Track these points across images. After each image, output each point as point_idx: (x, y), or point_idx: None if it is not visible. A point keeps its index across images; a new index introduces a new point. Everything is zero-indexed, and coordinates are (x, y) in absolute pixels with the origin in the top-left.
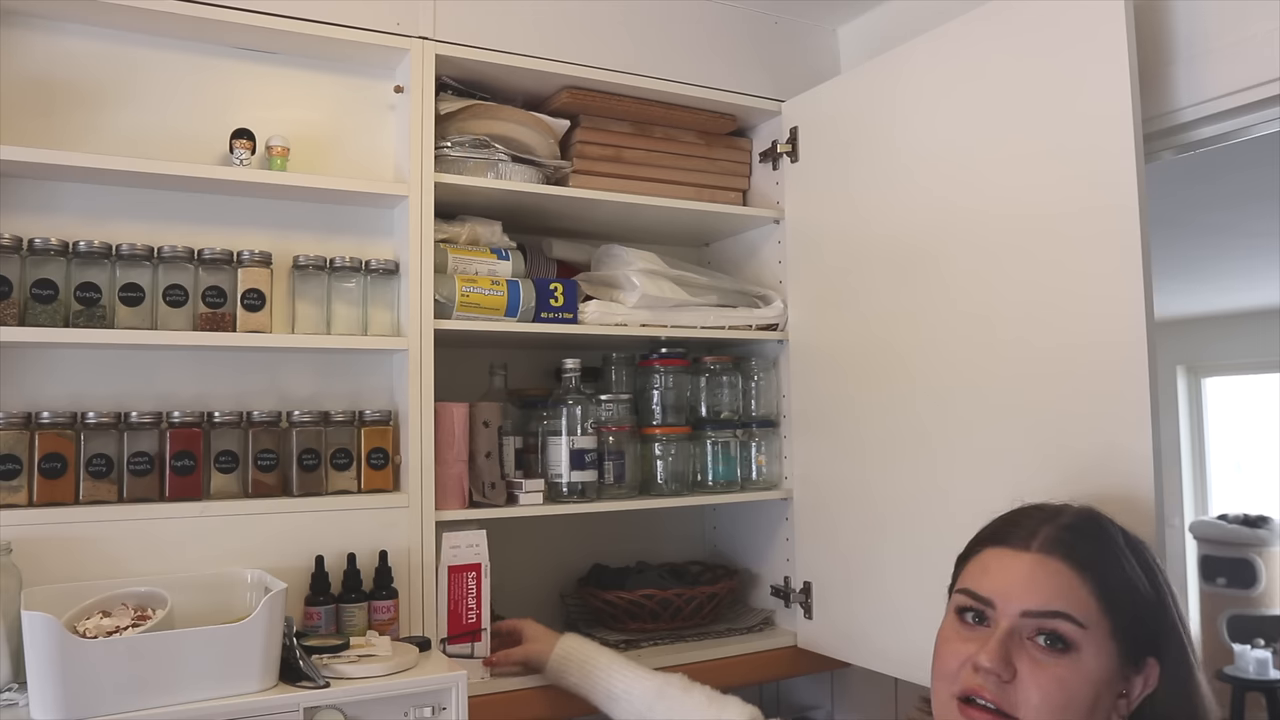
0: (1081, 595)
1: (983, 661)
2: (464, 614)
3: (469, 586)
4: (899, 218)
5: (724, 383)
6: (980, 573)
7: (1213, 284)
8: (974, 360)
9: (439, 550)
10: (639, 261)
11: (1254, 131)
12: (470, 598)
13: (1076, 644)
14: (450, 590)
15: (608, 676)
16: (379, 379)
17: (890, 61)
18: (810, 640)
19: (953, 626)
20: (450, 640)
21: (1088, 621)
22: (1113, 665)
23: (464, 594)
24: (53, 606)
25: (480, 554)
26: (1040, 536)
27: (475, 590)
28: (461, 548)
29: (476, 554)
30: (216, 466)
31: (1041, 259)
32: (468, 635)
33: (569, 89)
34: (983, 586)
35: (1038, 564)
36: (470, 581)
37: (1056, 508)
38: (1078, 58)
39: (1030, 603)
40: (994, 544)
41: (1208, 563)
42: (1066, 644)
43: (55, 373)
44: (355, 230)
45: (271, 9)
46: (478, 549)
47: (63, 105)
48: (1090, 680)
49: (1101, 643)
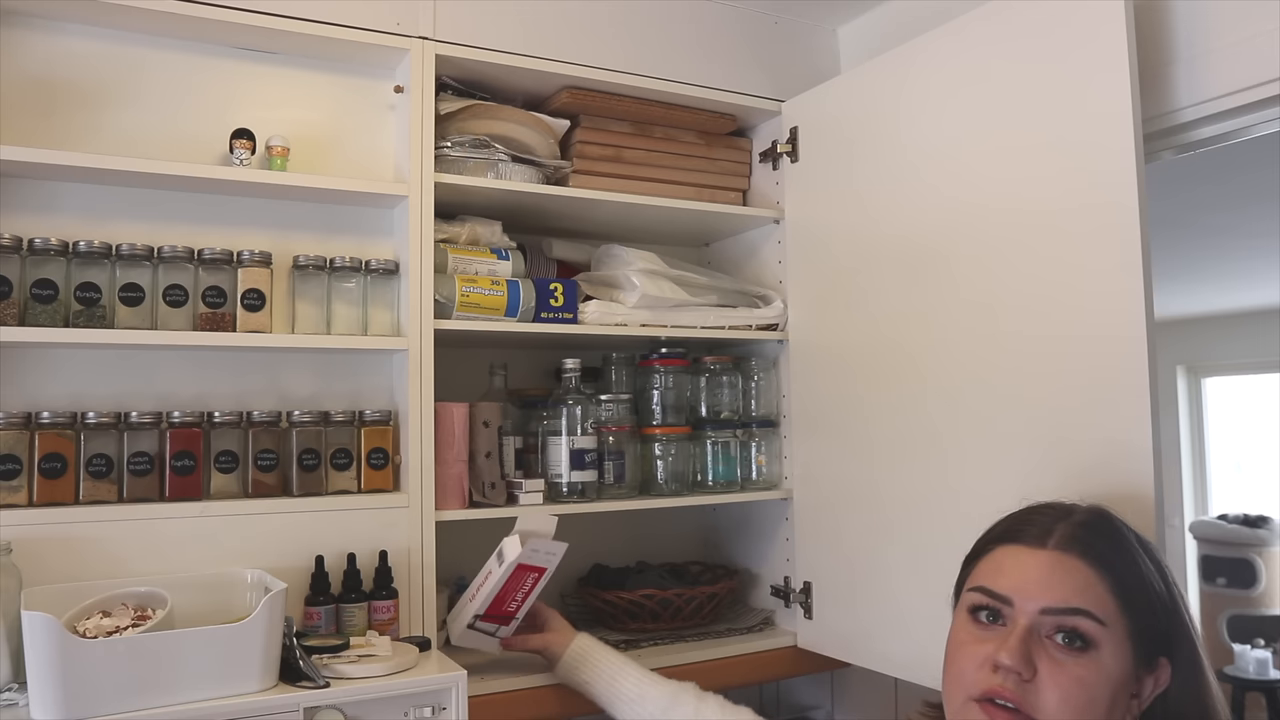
0: (1100, 593)
1: (1003, 659)
2: (508, 601)
3: (526, 583)
4: (899, 217)
5: (724, 383)
6: (995, 571)
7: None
8: (977, 358)
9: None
10: (639, 261)
11: (1254, 131)
12: (522, 592)
13: (1096, 642)
14: (509, 582)
15: (621, 679)
16: (379, 379)
17: (890, 61)
18: (810, 640)
19: (966, 628)
20: (483, 618)
21: (1107, 619)
22: (1129, 665)
23: (518, 587)
24: (53, 606)
25: (553, 562)
26: (1056, 534)
27: (529, 588)
28: (541, 553)
29: (549, 560)
30: (216, 466)
31: (1042, 256)
32: (500, 619)
33: (569, 89)
34: (999, 584)
35: (1056, 561)
36: (529, 581)
37: (1068, 506)
38: (1078, 57)
39: (1049, 599)
40: (1007, 542)
41: (1208, 563)
42: (1086, 642)
43: (55, 373)
44: (355, 230)
45: (271, 9)
46: (554, 557)
47: (63, 105)
48: (1109, 680)
49: (1120, 642)
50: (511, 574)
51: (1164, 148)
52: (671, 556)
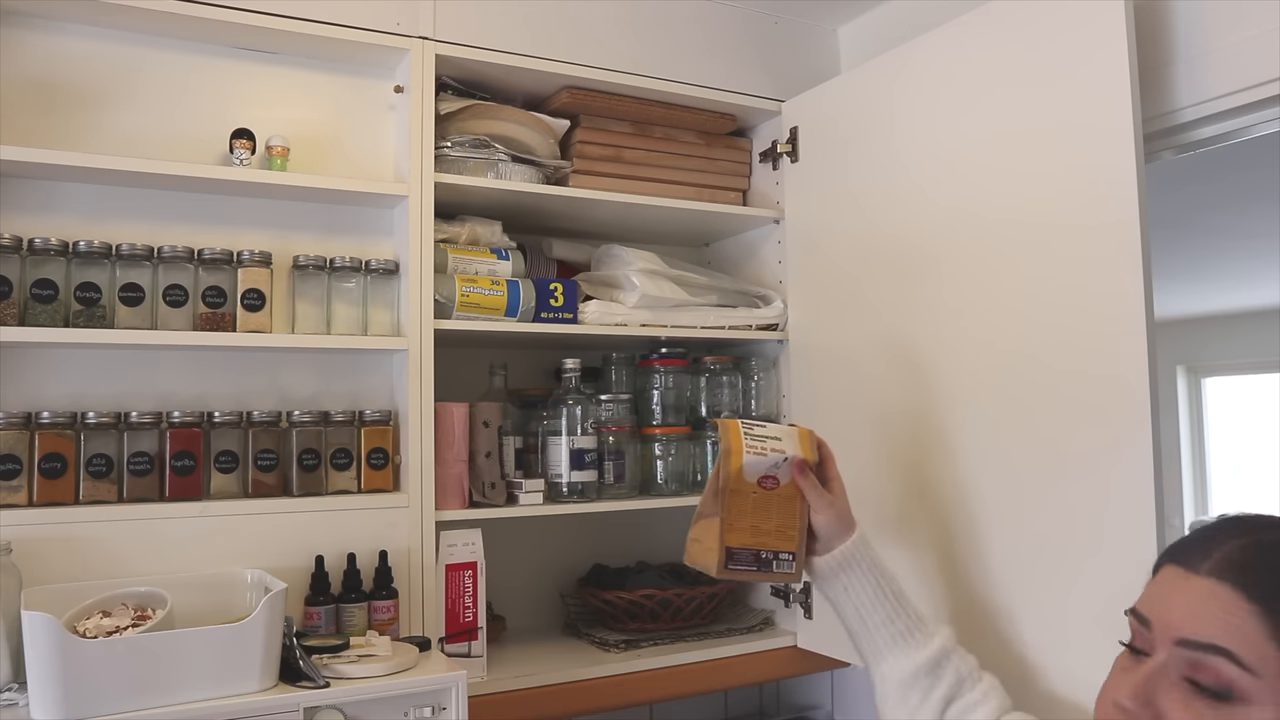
0: (1252, 634)
1: (1121, 698)
2: (461, 613)
3: (465, 585)
4: (900, 217)
5: (724, 383)
6: (1148, 592)
7: (1213, 284)
8: (977, 358)
9: (439, 549)
10: (639, 261)
11: (1254, 131)
12: (467, 596)
13: (1242, 694)
14: (448, 589)
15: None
16: (379, 379)
17: (890, 61)
18: (810, 640)
19: (1121, 656)
20: (448, 639)
21: (1260, 670)
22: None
23: (461, 593)
24: (53, 606)
25: (476, 552)
26: (1215, 557)
27: (472, 589)
28: (459, 546)
29: (472, 552)
30: (216, 466)
31: (1043, 257)
32: (465, 634)
33: (569, 89)
34: (1145, 606)
35: (1206, 590)
36: (467, 580)
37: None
38: (1078, 56)
39: (1188, 631)
40: (1171, 560)
41: None
42: (1227, 692)
43: (55, 373)
44: (355, 230)
45: (271, 9)
46: (473, 547)
47: (63, 105)
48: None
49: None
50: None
51: (1164, 148)
52: (671, 556)
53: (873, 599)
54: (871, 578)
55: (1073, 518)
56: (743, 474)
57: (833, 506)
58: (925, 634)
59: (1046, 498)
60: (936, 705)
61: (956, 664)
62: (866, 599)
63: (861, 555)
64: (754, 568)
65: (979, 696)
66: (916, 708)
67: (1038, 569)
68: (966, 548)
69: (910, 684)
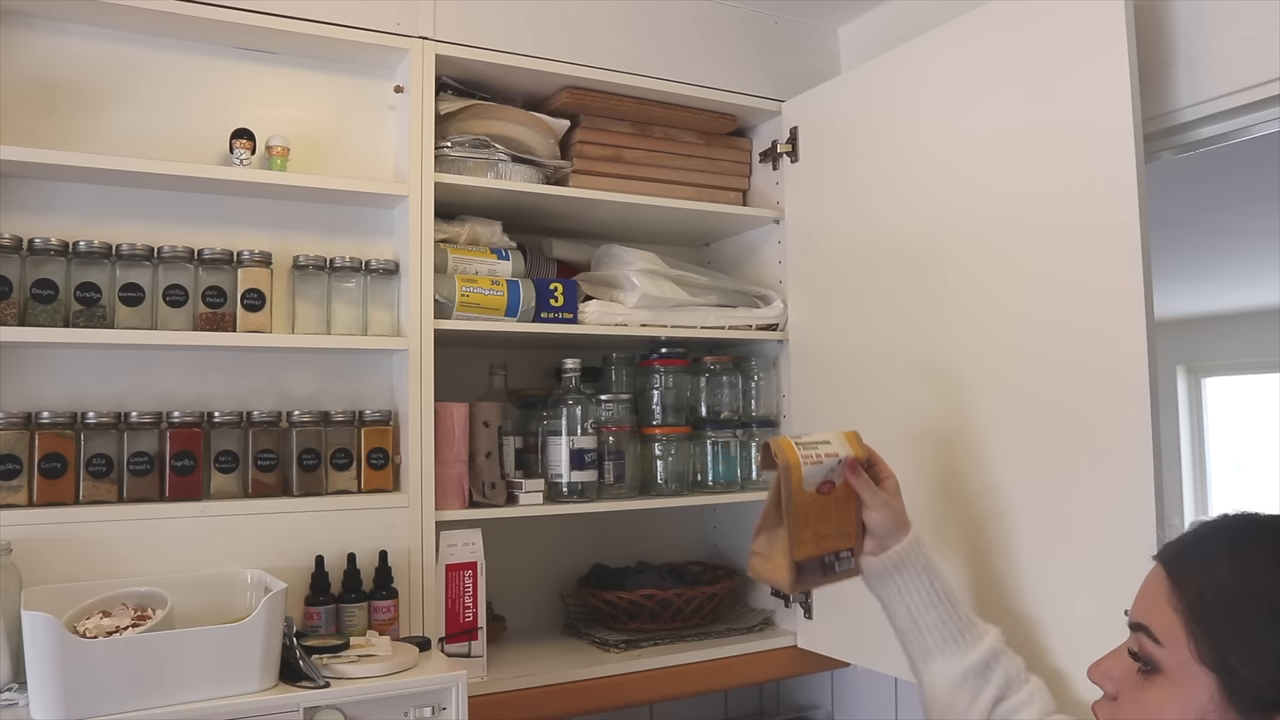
0: (1164, 609)
1: (1090, 673)
2: (461, 613)
3: (465, 585)
4: (899, 217)
5: (724, 383)
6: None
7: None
8: (977, 358)
9: (439, 550)
10: (639, 261)
11: (1254, 131)
12: (467, 596)
13: (1158, 665)
14: (448, 589)
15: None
16: (379, 379)
17: (890, 61)
18: (810, 640)
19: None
20: (448, 639)
21: (1165, 640)
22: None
23: (461, 592)
24: (53, 606)
25: (476, 552)
26: (1169, 543)
27: (472, 589)
28: (458, 546)
29: (472, 552)
30: (216, 466)
31: (1043, 257)
32: (465, 634)
33: (569, 89)
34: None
35: (1152, 572)
36: (467, 580)
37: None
38: (1078, 56)
39: (1133, 611)
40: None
41: None
42: (1150, 664)
43: (55, 373)
44: (355, 230)
45: (271, 9)
46: (473, 547)
47: (63, 105)
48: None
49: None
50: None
51: (1164, 148)
52: (671, 556)
53: (926, 600)
54: (926, 578)
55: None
56: (803, 485)
57: (887, 505)
58: (975, 635)
59: (1047, 496)
60: (985, 706)
61: (1005, 665)
62: (920, 600)
63: (917, 555)
64: (820, 574)
65: (1026, 698)
66: (966, 709)
67: (1037, 569)
68: (965, 546)
69: (960, 685)
